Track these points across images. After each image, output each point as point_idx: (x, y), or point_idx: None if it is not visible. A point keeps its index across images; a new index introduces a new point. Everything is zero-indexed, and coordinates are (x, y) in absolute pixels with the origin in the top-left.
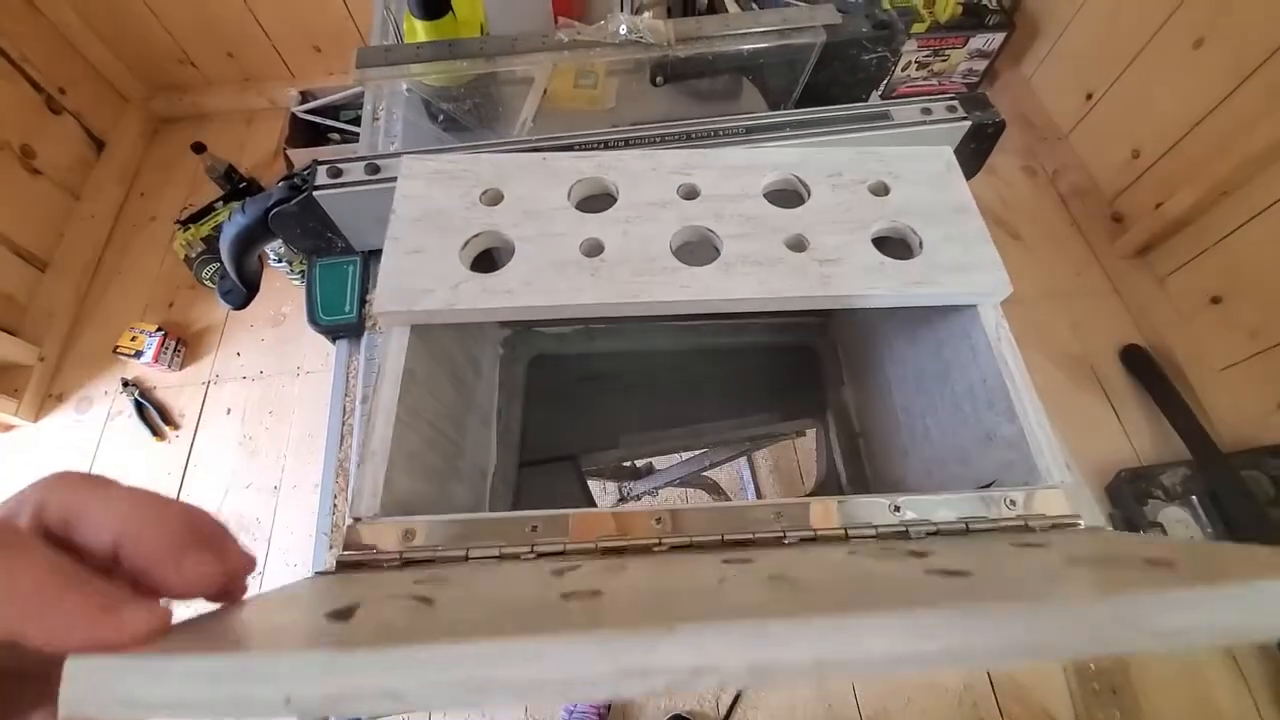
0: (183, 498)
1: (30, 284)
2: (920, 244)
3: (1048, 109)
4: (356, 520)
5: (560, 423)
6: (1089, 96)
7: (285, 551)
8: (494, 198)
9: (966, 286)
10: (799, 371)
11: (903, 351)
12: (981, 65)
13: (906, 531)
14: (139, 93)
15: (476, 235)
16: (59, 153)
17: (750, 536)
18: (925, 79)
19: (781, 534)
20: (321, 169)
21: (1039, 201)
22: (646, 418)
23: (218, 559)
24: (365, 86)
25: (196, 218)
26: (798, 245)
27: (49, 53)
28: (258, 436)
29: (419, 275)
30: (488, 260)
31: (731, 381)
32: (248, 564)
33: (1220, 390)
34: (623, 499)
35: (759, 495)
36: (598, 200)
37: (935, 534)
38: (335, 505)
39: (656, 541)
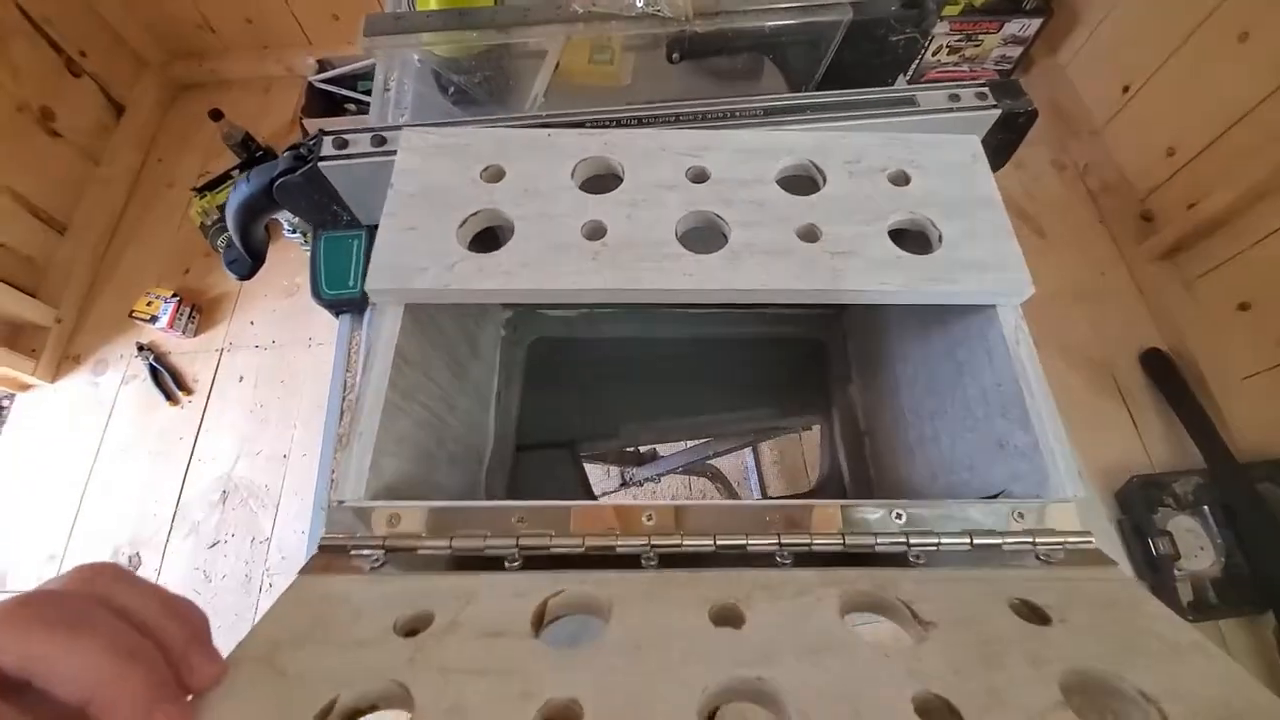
0: (194, 462)
1: (49, 246)
2: (939, 238)
3: (1083, 100)
4: (340, 503)
5: (560, 407)
6: (1126, 89)
7: (294, 518)
8: (495, 174)
9: (986, 285)
10: (806, 365)
11: (914, 349)
12: (1016, 52)
13: (907, 544)
14: (158, 58)
15: (475, 213)
16: (78, 116)
17: (744, 542)
18: (956, 64)
19: (776, 543)
20: (327, 140)
21: (1067, 197)
22: (647, 406)
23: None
24: (374, 56)
25: (213, 185)
26: (809, 235)
27: (71, 15)
28: (269, 405)
29: (414, 253)
30: (489, 238)
31: (737, 373)
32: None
33: (1241, 399)
34: (625, 484)
35: (762, 485)
36: (603, 180)
37: (938, 549)
38: (334, 480)
39: (646, 546)
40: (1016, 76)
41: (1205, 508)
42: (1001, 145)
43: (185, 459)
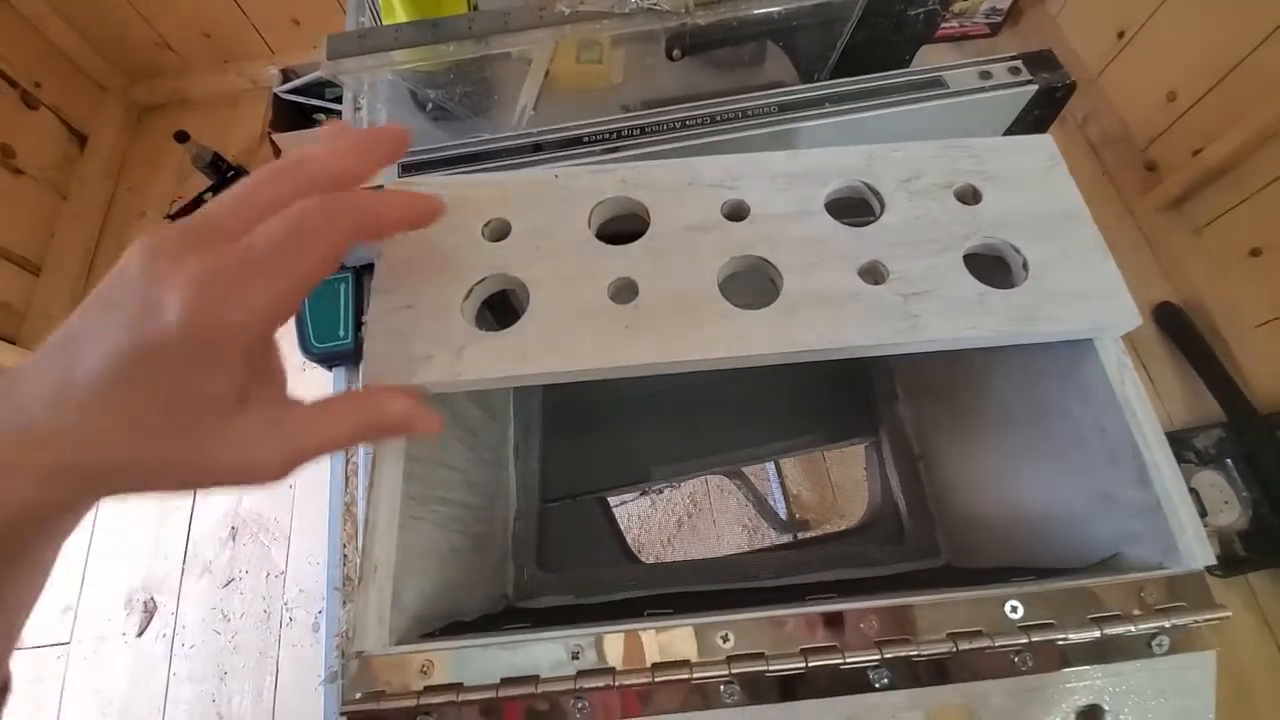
0: (199, 499)
1: (25, 289)
2: (1024, 265)
3: (1076, 50)
4: (360, 654)
5: (584, 454)
6: (1120, 35)
7: (306, 549)
8: (500, 229)
9: (1087, 320)
10: (845, 384)
11: (981, 376)
12: (1005, 3)
13: (1029, 643)
14: (117, 81)
15: (481, 280)
16: (40, 150)
17: (840, 662)
18: (945, 20)
19: (879, 658)
20: None
21: (1067, 151)
22: (679, 443)
23: None
24: (340, 80)
25: (186, 211)
26: (875, 275)
27: (20, 45)
28: None
29: (414, 338)
30: (497, 300)
31: (771, 397)
32: None
33: (1257, 347)
34: (643, 493)
35: (782, 482)
36: (624, 220)
37: (1065, 644)
38: (345, 555)
39: (726, 674)
40: (1006, 29)
41: (1229, 461)
42: (1036, 122)
43: (190, 497)
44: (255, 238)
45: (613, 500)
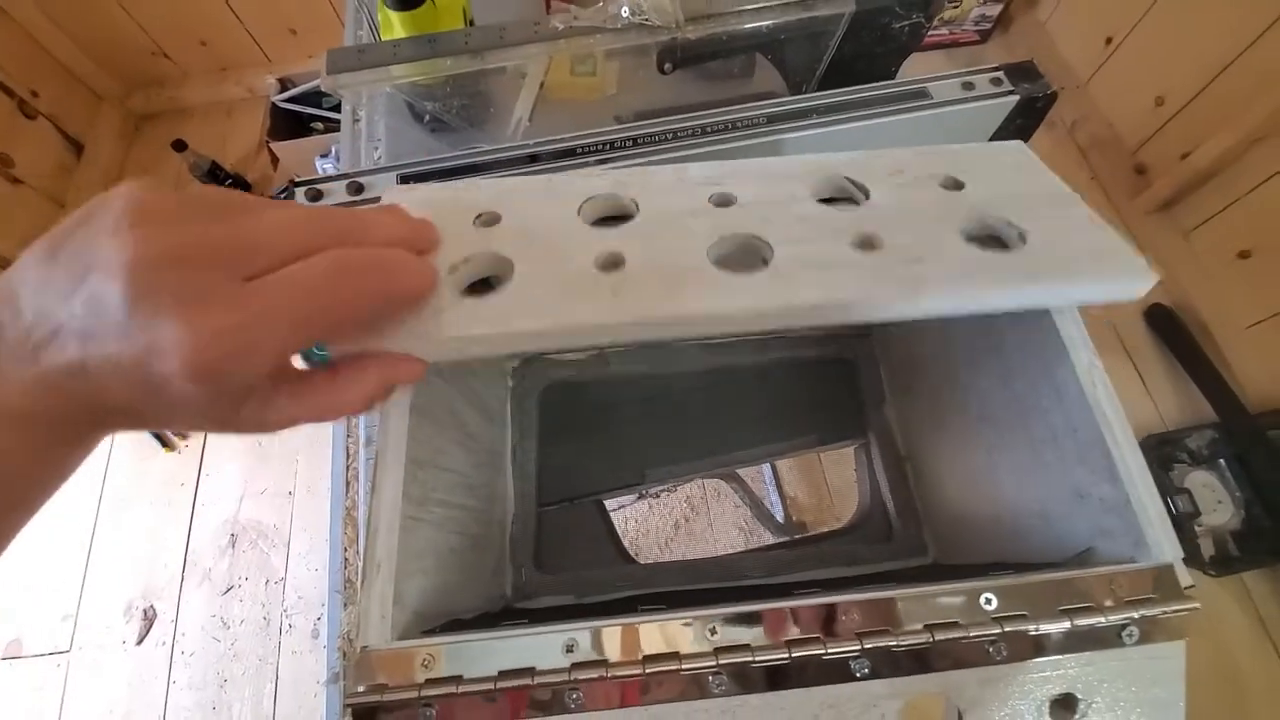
0: (198, 507)
1: None
2: (1021, 235)
3: (1065, 56)
4: (365, 649)
5: (579, 458)
6: (1109, 41)
7: (306, 555)
8: (490, 220)
9: (1105, 274)
10: (835, 387)
11: (963, 376)
12: (995, 10)
13: (1002, 633)
14: (114, 90)
15: (466, 259)
16: (38, 159)
17: (822, 653)
18: (935, 27)
19: (859, 648)
20: (299, 192)
21: (1057, 155)
22: (672, 446)
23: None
24: (340, 94)
25: None
26: (869, 244)
27: (16, 54)
28: (268, 441)
29: None
30: (488, 289)
31: (763, 401)
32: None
33: (1248, 348)
34: (640, 497)
35: (779, 485)
36: (614, 219)
37: (1037, 634)
38: (346, 559)
39: (715, 665)
40: (996, 36)
41: (1221, 461)
42: (1018, 131)
43: (189, 505)
44: (280, 286)
45: (610, 504)
